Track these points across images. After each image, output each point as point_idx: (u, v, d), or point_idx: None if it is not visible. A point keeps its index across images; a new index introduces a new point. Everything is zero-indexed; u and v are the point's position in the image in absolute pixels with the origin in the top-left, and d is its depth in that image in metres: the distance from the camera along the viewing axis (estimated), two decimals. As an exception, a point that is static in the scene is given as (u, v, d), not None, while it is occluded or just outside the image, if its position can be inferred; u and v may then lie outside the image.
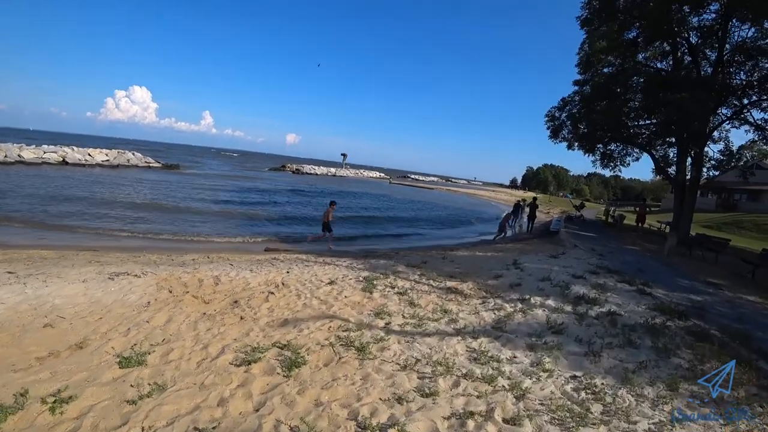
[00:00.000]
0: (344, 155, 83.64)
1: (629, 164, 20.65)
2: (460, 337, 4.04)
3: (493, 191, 69.53)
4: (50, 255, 8.54)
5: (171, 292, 5.80)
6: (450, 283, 6.28)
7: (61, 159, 32.97)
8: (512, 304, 5.16)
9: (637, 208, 25.68)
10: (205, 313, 4.86)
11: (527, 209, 18.09)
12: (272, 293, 5.64)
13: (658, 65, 16.83)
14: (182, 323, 4.59)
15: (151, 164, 40.76)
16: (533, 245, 12.20)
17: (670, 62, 16.21)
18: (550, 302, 5.17)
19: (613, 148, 19.63)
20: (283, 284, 6.25)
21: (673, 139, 15.87)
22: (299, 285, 6.21)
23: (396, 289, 5.85)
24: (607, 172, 24.35)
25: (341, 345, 3.83)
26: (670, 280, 7.28)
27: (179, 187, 24.77)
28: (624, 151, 20.26)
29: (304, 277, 6.73)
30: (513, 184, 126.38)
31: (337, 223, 15.79)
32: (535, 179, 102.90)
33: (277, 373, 3.34)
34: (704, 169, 16.00)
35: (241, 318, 4.70)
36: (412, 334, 4.13)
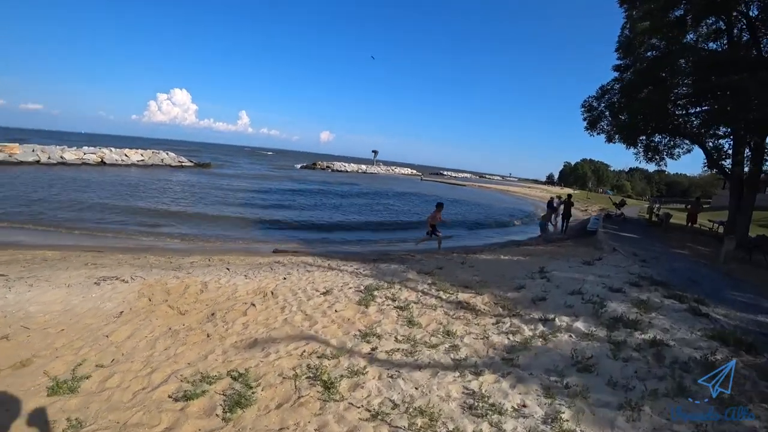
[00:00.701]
0: (375, 152, 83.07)
1: (679, 157, 18.71)
2: (458, 373, 3.20)
3: (529, 188, 66.76)
4: (54, 256, 8.41)
5: (150, 300, 5.32)
6: (462, 296, 5.41)
7: (100, 159, 34.41)
8: (531, 326, 4.23)
9: (688, 206, 23.25)
10: (170, 328, 4.29)
11: (561, 207, 16.74)
12: (254, 305, 5.00)
13: (711, 46, 14.92)
14: (142, 340, 4.04)
15: (183, 163, 41.91)
16: (566, 248, 11.00)
17: (725, 43, 14.27)
18: (579, 325, 4.19)
19: (657, 139, 17.79)
20: (272, 293, 5.62)
21: (729, 129, 13.97)
22: (290, 295, 5.55)
23: (396, 303, 5.06)
24: (650, 167, 22.24)
25: (307, 378, 3.11)
26: (730, 296, 6.02)
27: (204, 186, 25.02)
28: (671, 143, 18.35)
29: (299, 285, 6.08)
30: (549, 181, 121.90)
31: (359, 222, 15.25)
32: (573, 175, 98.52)
33: (216, 415, 2.66)
34: (766, 162, 14.04)
35: (208, 336, 4.08)
36: (400, 366, 3.34)
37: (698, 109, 14.75)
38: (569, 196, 16.96)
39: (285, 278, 6.57)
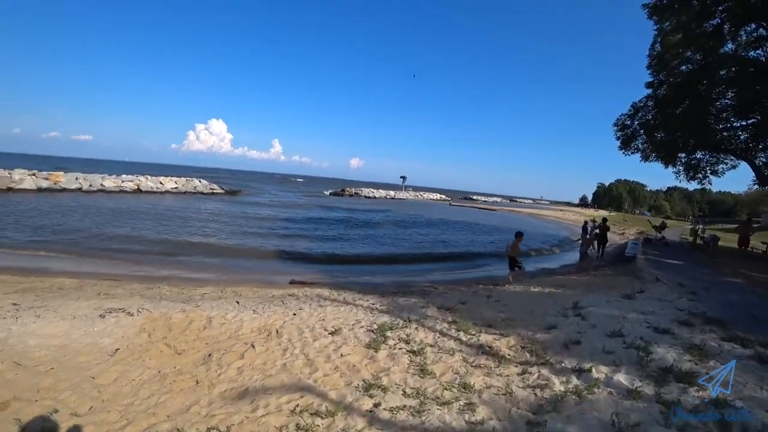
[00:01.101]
0: (404, 178, 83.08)
1: (723, 173, 17.36)
2: (471, 443, 2.66)
3: (561, 211, 64.41)
4: (71, 284, 8.43)
5: (150, 336, 5.08)
6: (485, 337, 4.82)
7: (136, 187, 35.96)
8: (563, 378, 3.60)
9: (738, 227, 21.17)
10: (160, 372, 3.97)
11: (597, 231, 15.72)
12: (254, 346, 4.63)
13: (752, 54, 13.92)
14: (128, 384, 3.74)
15: (215, 191, 43.15)
16: (603, 278, 10.10)
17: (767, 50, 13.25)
18: (621, 378, 3.52)
19: (699, 156, 16.60)
20: (277, 332, 5.24)
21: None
22: (295, 334, 5.15)
23: (410, 346, 4.54)
24: (690, 185, 20.74)
25: (293, 444, 2.66)
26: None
27: (231, 214, 25.30)
28: (714, 160, 17.10)
29: (309, 323, 5.68)
30: (583, 203, 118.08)
31: (384, 254, 14.74)
32: (608, 196, 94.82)
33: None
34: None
35: (197, 382, 3.72)
36: (403, 429, 2.83)
37: (744, 122, 13.63)
38: (604, 219, 15.89)
39: (295, 314, 6.20)
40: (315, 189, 75.48)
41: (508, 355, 4.24)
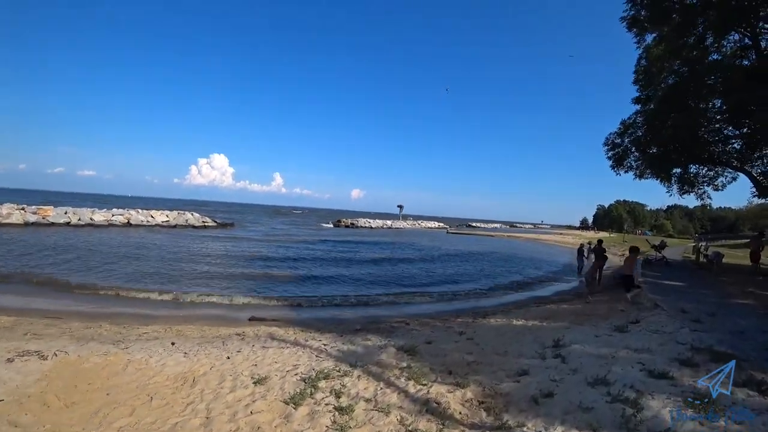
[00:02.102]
0: (401, 207, 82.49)
1: (723, 187, 16.60)
2: None
3: (560, 234, 63.32)
4: (5, 322, 7.53)
5: (48, 384, 4.30)
6: (437, 389, 3.87)
7: (126, 221, 35.25)
8: (521, 452, 2.68)
9: (750, 241, 19.79)
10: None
11: (592, 253, 14.86)
12: (152, 399, 3.75)
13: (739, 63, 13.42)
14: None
15: (206, 224, 42.27)
16: (596, 305, 9.15)
17: (753, 58, 12.70)
18: (600, 451, 2.61)
19: (693, 170, 15.92)
20: (193, 381, 4.35)
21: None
22: (215, 383, 4.27)
23: (340, 401, 3.63)
24: (691, 202, 19.88)
25: None
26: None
27: (214, 247, 24.16)
28: (712, 173, 16.42)
29: (239, 369, 4.77)
30: (584, 225, 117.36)
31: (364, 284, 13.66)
32: (608, 218, 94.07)
33: None
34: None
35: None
36: None
37: (737, 131, 12.96)
38: (600, 241, 15.03)
39: (229, 357, 5.30)
40: (311, 221, 74.07)
41: (459, 413, 3.31)
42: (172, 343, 6.14)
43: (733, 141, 13.39)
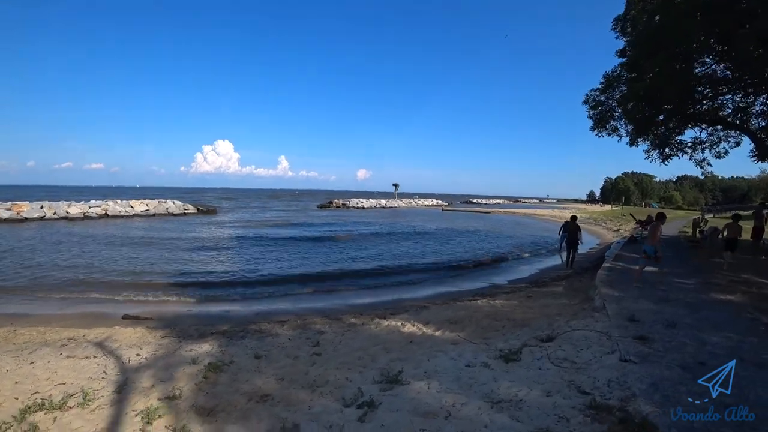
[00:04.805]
0: (396, 185, 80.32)
1: (726, 153, 14.23)
2: None
3: (563, 209, 60.64)
4: None
5: None
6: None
7: (104, 212, 34.36)
8: None
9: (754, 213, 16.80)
10: None
11: (564, 233, 12.83)
12: None
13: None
14: None
15: (187, 211, 41.16)
16: (534, 300, 7.23)
17: None
18: None
19: (693, 135, 13.48)
20: None
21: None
22: None
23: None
24: (698, 172, 17.32)
25: None
26: None
27: (178, 237, 22.20)
28: (713, 137, 14.07)
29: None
30: (591, 199, 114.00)
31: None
32: (615, 190, 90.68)
33: None
34: None
35: None
36: None
37: (729, 73, 10.33)
38: (573, 217, 12.95)
39: (8, 371, 3.69)
40: (305, 203, 72.29)
41: None
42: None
43: (725, 88, 10.77)
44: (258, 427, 2.94)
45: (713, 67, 10.28)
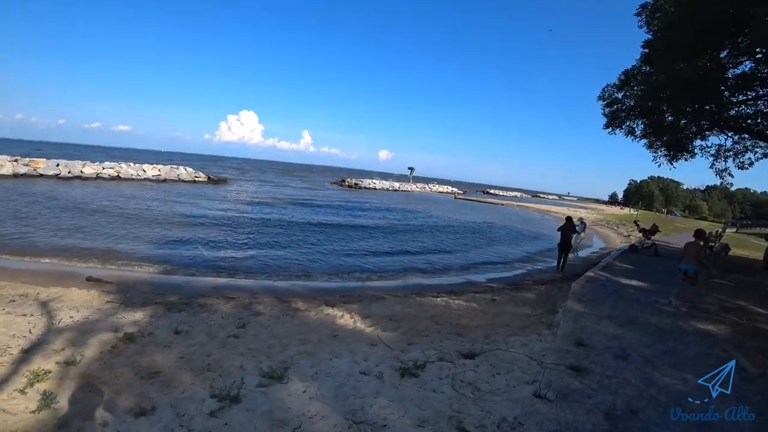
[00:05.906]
0: (411, 169, 79.34)
1: (751, 164, 13.14)
2: None
3: (582, 208, 58.63)
4: None
5: None
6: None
7: (116, 174, 35.03)
8: None
9: None
10: None
11: (574, 232, 12.08)
12: None
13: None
14: None
15: (198, 179, 41.59)
16: (498, 306, 6.69)
17: None
18: None
19: (716, 142, 12.35)
20: None
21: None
22: None
23: None
24: (734, 183, 16.01)
25: None
26: None
27: (180, 203, 22.62)
28: (739, 146, 12.95)
29: None
30: (613, 200, 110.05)
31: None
32: (638, 194, 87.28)
33: None
34: None
35: None
36: None
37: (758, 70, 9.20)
38: (568, 219, 12.18)
39: None
40: (321, 180, 72.15)
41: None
42: None
43: (753, 95, 9.69)
44: (124, 404, 2.97)
45: (741, 66, 9.16)
